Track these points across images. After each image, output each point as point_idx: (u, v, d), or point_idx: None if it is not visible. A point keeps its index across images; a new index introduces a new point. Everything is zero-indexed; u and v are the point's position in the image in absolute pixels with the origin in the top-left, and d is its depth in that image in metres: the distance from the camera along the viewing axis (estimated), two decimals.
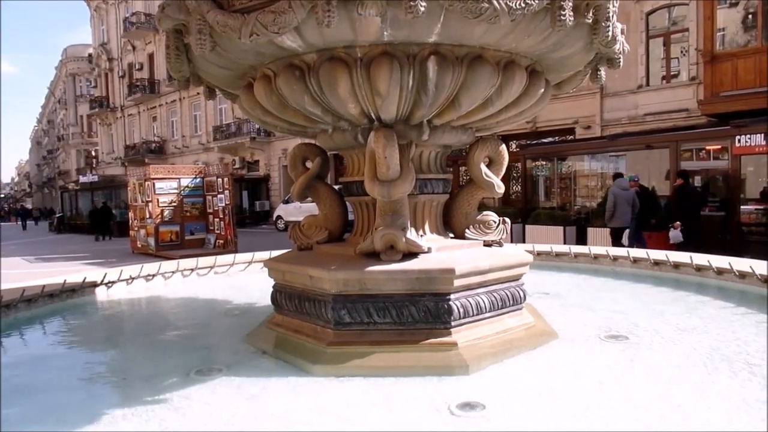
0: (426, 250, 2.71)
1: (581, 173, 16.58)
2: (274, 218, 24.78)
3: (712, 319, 3.23)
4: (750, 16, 14.22)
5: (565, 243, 11.89)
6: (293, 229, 3.26)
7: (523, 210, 15.24)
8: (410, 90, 2.51)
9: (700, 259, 4.35)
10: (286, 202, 23.13)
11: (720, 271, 4.14)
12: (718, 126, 12.70)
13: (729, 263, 4.09)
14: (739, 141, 11.30)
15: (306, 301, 2.81)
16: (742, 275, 3.91)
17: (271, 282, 3.13)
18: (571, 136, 18.37)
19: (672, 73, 16.92)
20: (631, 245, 9.65)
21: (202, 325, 3.57)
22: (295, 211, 20.54)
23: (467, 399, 2.13)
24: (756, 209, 12.70)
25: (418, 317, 2.62)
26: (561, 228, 13.19)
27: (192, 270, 5.15)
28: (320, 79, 2.52)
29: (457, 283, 2.61)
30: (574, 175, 16.32)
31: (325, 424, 1.99)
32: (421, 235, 2.91)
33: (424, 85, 2.50)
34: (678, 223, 10.13)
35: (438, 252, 2.79)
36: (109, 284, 4.55)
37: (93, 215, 23.81)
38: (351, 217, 3.26)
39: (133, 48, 38.05)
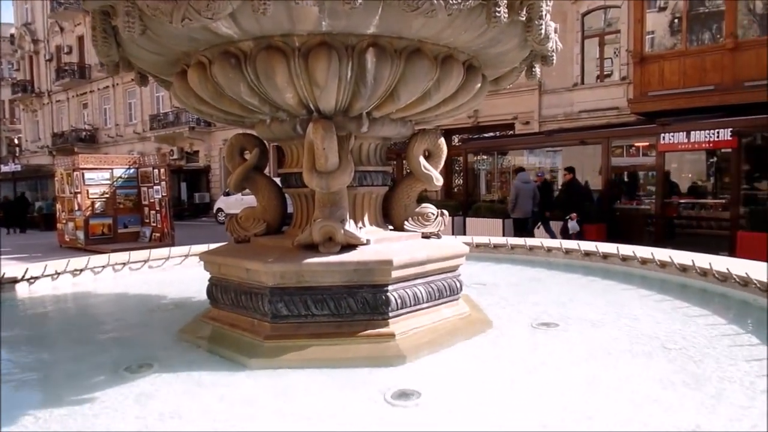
0: (364, 241, 2.72)
1: (520, 167, 17.07)
2: (214, 211, 24.16)
3: (635, 307, 3.42)
4: (676, 21, 15.05)
5: (503, 235, 12.23)
6: (230, 221, 3.19)
7: (464, 203, 15.56)
8: (349, 81, 2.50)
9: (626, 250, 4.59)
10: (227, 194, 22.59)
11: (644, 261, 4.38)
12: (646, 124, 13.41)
13: (651, 254, 4.33)
14: (664, 138, 11.96)
15: (242, 294, 2.76)
16: (663, 265, 4.16)
17: (208, 276, 3.05)
18: (511, 131, 18.90)
19: (605, 73, 17.70)
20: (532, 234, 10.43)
21: (133, 321, 3.43)
22: (236, 204, 20.07)
23: (403, 388, 2.16)
24: (679, 203, 13.52)
25: (356, 309, 2.63)
26: (500, 221, 13.56)
27: (124, 264, 4.95)
28: (257, 67, 2.47)
29: (394, 274, 2.63)
30: (513, 169, 16.79)
31: (259, 418, 1.97)
32: (360, 227, 2.92)
33: (362, 77, 2.49)
34: (575, 214, 10.94)
35: (376, 244, 2.81)
36: (32, 280, 4.29)
37: (5, 207, 22.27)
38: (291, 209, 3.22)
39: (61, 30, 35.89)
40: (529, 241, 5.44)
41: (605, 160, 13.20)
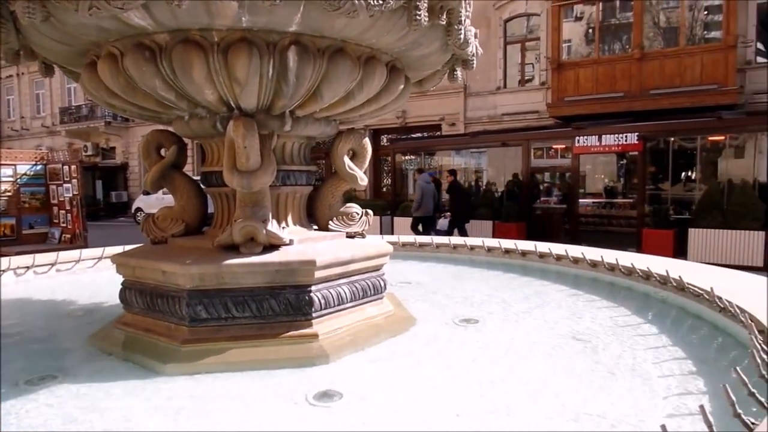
0: (287, 242, 2.69)
1: (447, 167, 17.50)
2: (132, 211, 22.99)
3: (551, 302, 3.60)
4: (591, 30, 15.97)
5: (432, 234, 12.46)
6: (146, 221, 3.05)
7: (392, 202, 15.73)
8: (271, 79, 2.45)
9: (543, 247, 4.81)
10: (147, 193, 21.56)
11: (559, 258, 4.61)
12: (563, 128, 14.14)
13: (565, 250, 4.57)
14: (579, 141, 12.67)
15: (159, 297, 2.65)
16: (576, 261, 4.40)
17: (121, 279, 2.90)
18: (438, 132, 19.31)
19: (527, 78, 18.48)
20: (443, 233, 11.00)
21: (37, 328, 3.20)
22: (157, 204, 19.15)
23: (325, 389, 2.15)
24: (593, 202, 14.36)
25: (279, 310, 2.59)
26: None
27: (28, 268, 4.60)
28: (173, 62, 2.37)
29: (318, 274, 2.62)
30: (440, 169, 17.18)
31: (173, 425, 1.89)
32: (284, 227, 2.88)
33: (285, 75, 2.46)
34: (448, 213, 11.76)
35: (300, 244, 2.78)
36: None
37: None
38: (212, 209, 3.13)
39: None
40: (453, 240, 5.58)
41: (525, 161, 13.81)
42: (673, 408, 1.92)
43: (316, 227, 3.22)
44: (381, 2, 2.20)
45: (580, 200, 13.43)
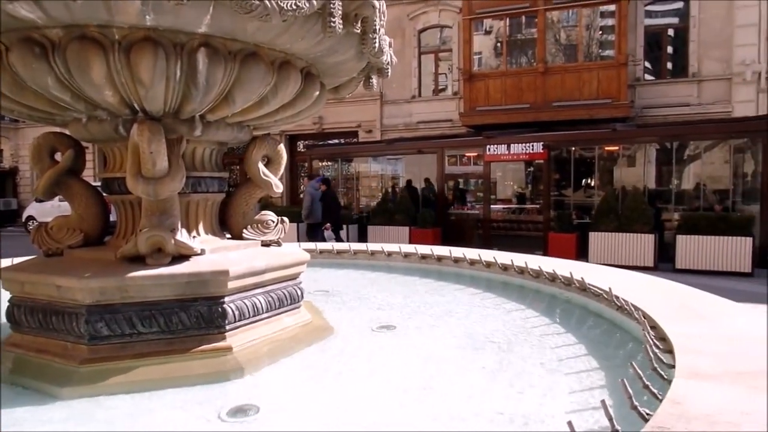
0: (198, 251, 2.57)
1: (364, 174, 17.63)
2: (23, 219, 21.08)
3: (465, 305, 3.70)
4: (499, 44, 16.75)
5: (347, 241, 12.48)
6: (37, 231, 2.79)
7: None
8: (178, 81, 2.34)
9: (458, 252, 4.95)
10: (40, 200, 19.85)
11: (472, 262, 4.76)
12: (474, 136, 14.69)
13: (479, 255, 4.73)
14: (490, 150, 13.22)
15: (53, 315, 2.43)
16: (488, 265, 4.56)
17: (8, 296, 2.64)
18: (355, 139, 19.40)
19: (440, 87, 19.03)
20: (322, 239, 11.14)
21: None
22: (52, 212, 17.65)
23: (240, 403, 2.08)
24: (503, 208, 15.02)
25: (190, 323, 2.47)
26: (344, 226, 13.82)
27: None
28: (68, 60, 2.20)
29: (231, 285, 2.52)
30: (357, 176, 17.27)
31: None
32: (194, 237, 2.75)
33: (194, 78, 2.35)
34: (328, 224, 11.73)
35: (212, 254, 2.67)
36: None
37: None
38: (114, 218, 2.92)
39: None
40: (371, 246, 5.60)
41: (440, 168, 14.19)
42: (578, 403, 2.03)
43: (229, 236, 3.11)
44: (294, 7, 2.17)
45: (491, 206, 14.00)
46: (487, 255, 4.76)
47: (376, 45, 2.63)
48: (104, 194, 2.90)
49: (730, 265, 9.79)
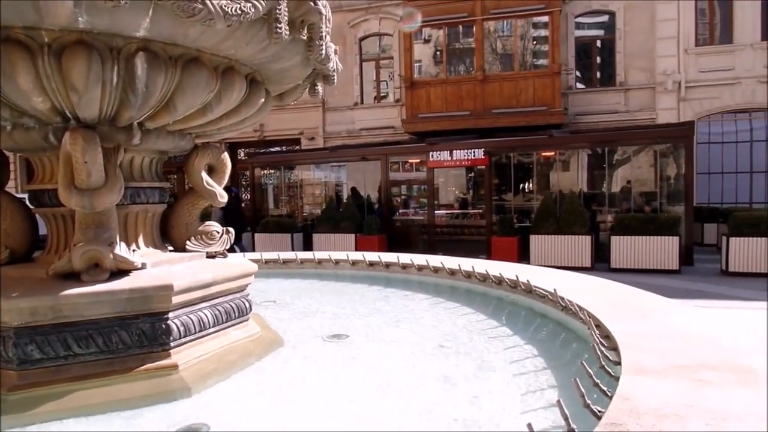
0: (139, 266, 2.45)
1: (307, 182, 17.47)
2: None
3: (415, 311, 3.72)
4: (438, 53, 17.07)
5: (293, 249, 12.33)
6: None
7: (252, 218, 15.26)
8: (115, 87, 2.22)
9: (405, 258, 4.98)
10: None
11: (420, 268, 4.80)
12: (417, 143, 14.87)
13: (426, 261, 4.77)
14: (433, 156, 13.42)
15: None
16: (436, 270, 4.61)
17: None
18: (297, 146, 19.21)
19: (382, 94, 19.16)
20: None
21: None
22: None
23: (189, 424, 1.99)
24: (447, 213, 15.26)
25: (131, 342, 2.34)
26: (289, 235, 13.65)
27: None
28: None
29: (176, 299, 2.41)
30: (300, 184, 17.09)
31: None
32: (134, 250, 2.61)
33: (132, 84, 2.24)
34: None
35: (154, 267, 2.55)
36: None
37: None
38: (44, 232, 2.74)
39: None
40: (318, 255, 5.54)
41: (384, 174, 14.27)
42: (532, 404, 2.07)
43: (171, 248, 2.98)
44: (239, 12, 2.11)
45: (435, 212, 14.20)
46: (435, 260, 4.80)
47: (323, 52, 2.60)
48: (32, 207, 2.71)
49: (659, 263, 10.36)
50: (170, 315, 2.42)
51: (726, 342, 2.11)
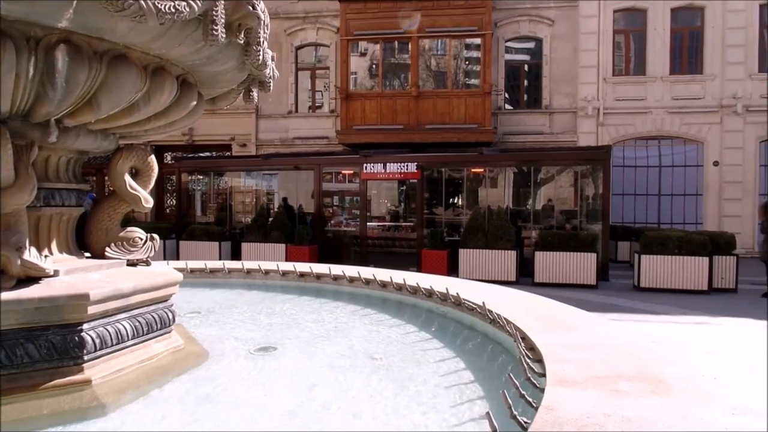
0: (51, 273, 2.27)
1: (237, 189, 17.04)
2: None
3: (346, 323, 3.69)
4: (374, 66, 17.26)
5: (220, 258, 11.94)
6: None
7: (177, 225, 14.66)
8: (31, 80, 2.06)
9: (337, 269, 4.94)
10: None
11: (351, 279, 4.77)
12: (351, 154, 14.90)
13: (358, 272, 4.76)
14: (366, 168, 13.49)
15: None
16: (367, 282, 4.60)
17: None
18: (228, 152, 18.73)
19: (317, 104, 19.10)
20: None
21: None
22: None
23: None
24: (379, 225, 15.35)
25: (39, 356, 2.16)
26: (217, 243, 13.22)
27: None
28: None
29: (92, 310, 2.26)
30: (230, 191, 16.63)
31: None
32: (46, 256, 2.42)
33: (51, 77, 2.09)
34: None
35: (68, 275, 2.38)
36: None
37: None
38: None
39: None
40: (247, 264, 5.39)
41: (317, 185, 14.17)
42: (461, 416, 2.10)
43: (89, 255, 2.80)
44: (173, 10, 2.02)
45: (368, 223, 14.24)
46: (366, 272, 4.80)
47: (260, 57, 2.55)
48: None
49: (579, 278, 10.90)
50: (84, 326, 2.26)
51: (640, 353, 2.24)
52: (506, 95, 17.48)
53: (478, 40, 16.16)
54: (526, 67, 17.76)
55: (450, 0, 15.67)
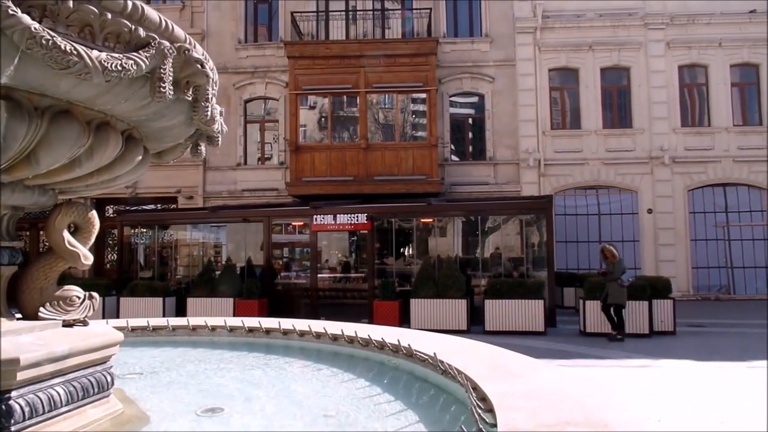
0: None
1: (183, 242, 16.60)
2: None
3: (297, 379, 3.59)
4: (323, 119, 17.57)
5: (164, 315, 11.47)
6: None
7: (118, 281, 14.03)
8: None
9: (287, 324, 4.84)
10: None
11: (302, 333, 4.68)
12: (301, 206, 14.89)
13: (308, 326, 4.67)
14: (316, 219, 13.47)
15: None
16: (318, 336, 4.52)
17: None
18: (174, 205, 18.31)
19: (266, 156, 19.12)
20: None
21: None
22: None
23: None
24: (330, 276, 15.21)
25: None
26: (161, 299, 12.72)
27: None
28: None
29: (22, 375, 2.12)
30: (175, 244, 16.18)
31: None
32: None
33: None
34: None
35: None
36: None
37: None
38: None
39: None
40: (192, 321, 5.20)
41: (266, 237, 14.00)
42: None
43: (20, 316, 2.64)
44: (120, 68, 2.03)
45: (318, 275, 14.09)
46: (317, 325, 4.73)
47: (208, 113, 2.57)
48: None
49: (527, 325, 11.08)
50: (13, 394, 2.11)
51: (587, 399, 2.29)
52: (452, 147, 18.09)
53: (423, 95, 16.80)
54: (470, 121, 18.52)
55: (396, 57, 16.32)
